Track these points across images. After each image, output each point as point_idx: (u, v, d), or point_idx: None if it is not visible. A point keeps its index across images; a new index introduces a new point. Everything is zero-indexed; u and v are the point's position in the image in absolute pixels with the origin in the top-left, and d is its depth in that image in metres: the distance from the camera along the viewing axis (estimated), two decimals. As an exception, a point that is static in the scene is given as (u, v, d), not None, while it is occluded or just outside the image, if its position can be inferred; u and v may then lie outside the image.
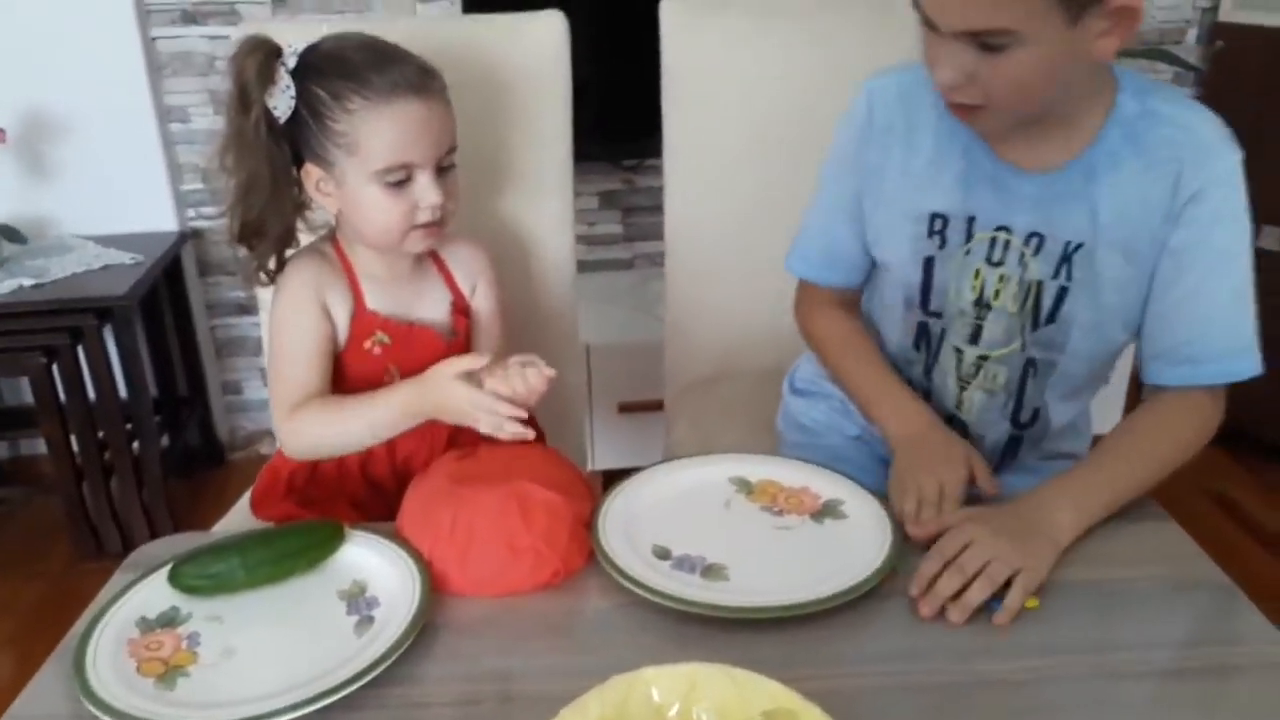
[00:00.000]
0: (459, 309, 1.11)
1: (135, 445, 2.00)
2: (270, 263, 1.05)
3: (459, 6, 2.09)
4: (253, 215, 1.01)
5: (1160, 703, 0.72)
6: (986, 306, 1.01)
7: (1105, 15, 0.82)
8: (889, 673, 0.75)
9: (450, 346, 1.07)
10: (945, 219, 1.00)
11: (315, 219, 1.08)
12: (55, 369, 1.85)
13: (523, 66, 1.25)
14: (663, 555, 0.86)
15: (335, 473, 1.08)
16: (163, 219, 2.19)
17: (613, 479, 0.97)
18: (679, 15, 1.34)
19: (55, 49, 2.02)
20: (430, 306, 1.09)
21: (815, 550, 0.88)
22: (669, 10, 1.34)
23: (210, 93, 2.14)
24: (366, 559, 0.86)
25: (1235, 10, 2.20)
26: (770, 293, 1.41)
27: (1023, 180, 0.96)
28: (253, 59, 0.95)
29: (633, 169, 2.30)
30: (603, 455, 2.10)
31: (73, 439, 1.91)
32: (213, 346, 2.36)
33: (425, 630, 0.78)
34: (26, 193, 2.09)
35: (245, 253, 1.04)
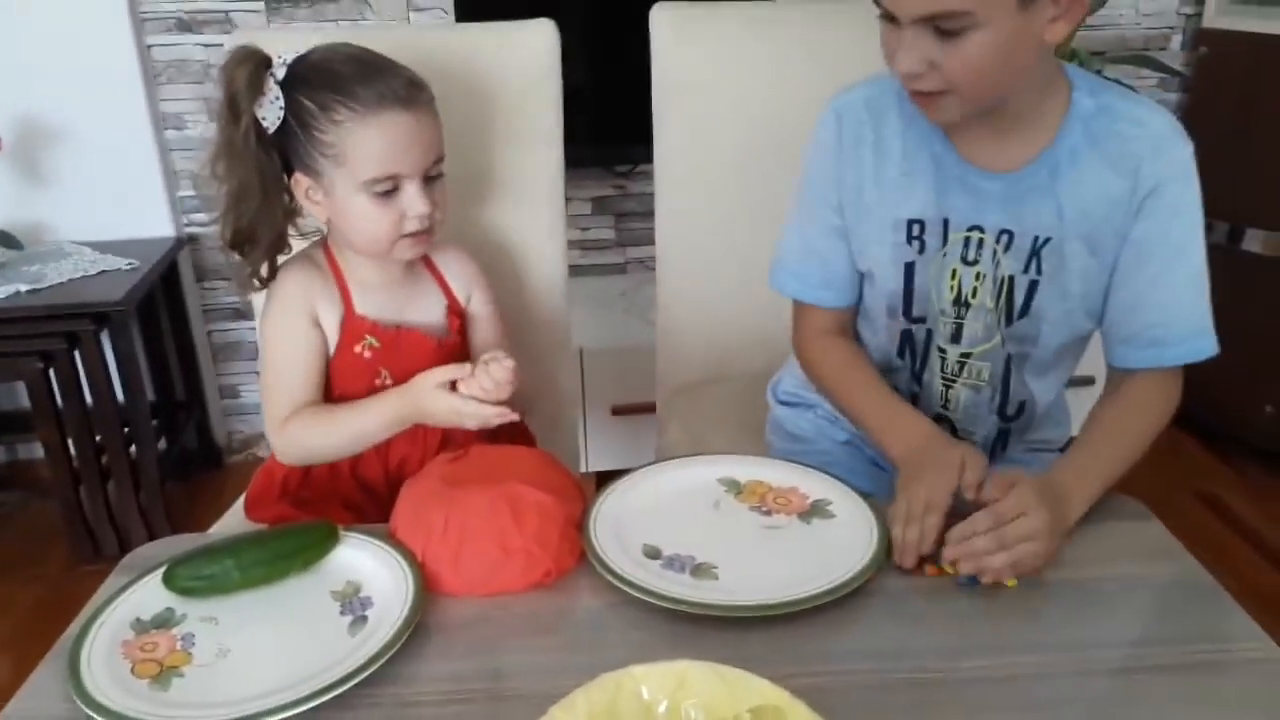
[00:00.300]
0: (454, 311, 1.12)
1: (132, 449, 2.01)
2: (263, 269, 1.06)
3: (452, 15, 2.10)
4: (244, 223, 1.02)
5: (1145, 700, 0.73)
6: (965, 305, 1.03)
7: (1054, 1, 0.86)
8: (876, 670, 0.76)
9: (440, 347, 1.08)
10: (922, 224, 1.01)
11: (307, 224, 1.09)
12: (52, 374, 1.85)
13: (515, 74, 1.26)
14: (653, 555, 0.87)
15: (328, 475, 1.09)
16: (159, 225, 2.19)
17: (606, 480, 0.98)
18: (669, 22, 1.35)
19: (51, 56, 2.03)
20: (423, 310, 1.10)
21: (803, 549, 0.88)
22: (659, 18, 1.35)
23: (205, 100, 2.15)
24: (360, 560, 0.87)
25: (1219, 16, 2.21)
26: (761, 297, 1.41)
27: (990, 181, 0.98)
28: (242, 69, 0.96)
29: (625, 175, 2.31)
30: (596, 457, 2.11)
31: (70, 443, 1.91)
32: (209, 351, 2.36)
33: (418, 630, 0.79)
34: (23, 199, 2.10)
35: (237, 259, 1.05)
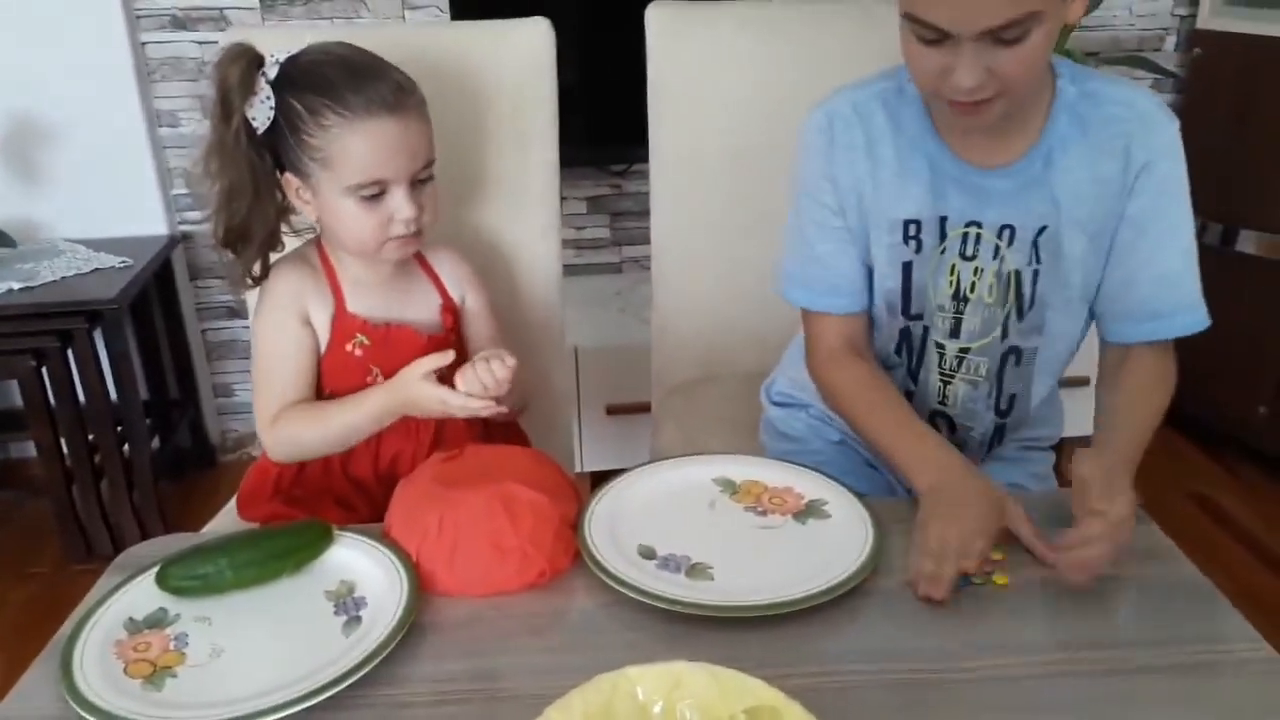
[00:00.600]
0: (448, 309, 1.12)
1: (125, 448, 2.00)
2: (255, 267, 1.06)
3: (447, 13, 2.10)
4: (236, 221, 1.02)
5: (1140, 701, 0.73)
6: (964, 300, 1.03)
7: None
8: (871, 670, 0.76)
9: (431, 343, 1.08)
10: (918, 224, 1.01)
11: (300, 221, 1.08)
12: (45, 372, 1.84)
13: (510, 73, 1.26)
14: (648, 555, 0.87)
15: (320, 473, 1.09)
16: (153, 223, 2.19)
17: (601, 480, 0.98)
18: (664, 22, 1.35)
19: (45, 54, 2.02)
20: (416, 307, 1.10)
21: (798, 549, 0.88)
22: (654, 17, 1.35)
23: (200, 98, 2.14)
24: (354, 559, 0.86)
25: (1213, 17, 2.21)
26: (756, 296, 1.42)
27: (988, 177, 0.98)
28: (235, 67, 0.96)
29: (620, 174, 2.31)
30: (591, 456, 2.11)
31: (63, 442, 1.91)
32: (203, 350, 2.36)
33: (412, 630, 0.78)
34: (16, 197, 2.09)
35: (230, 256, 1.05)
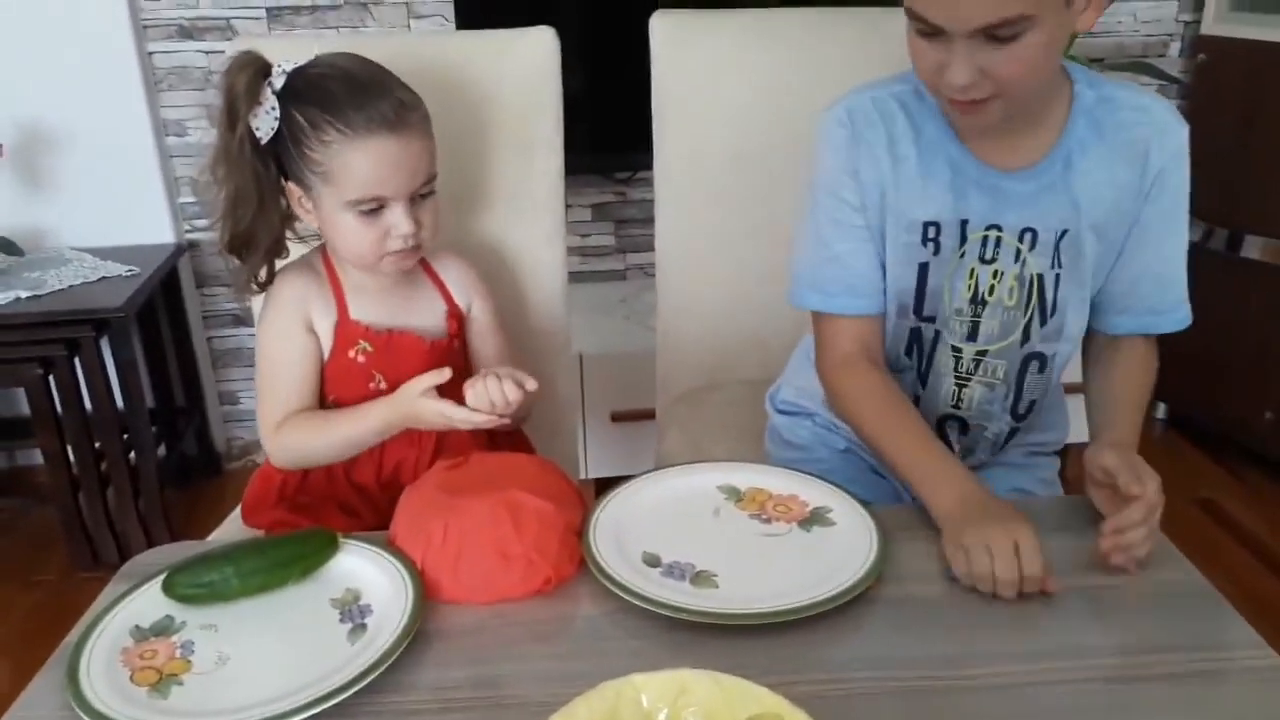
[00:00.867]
0: (453, 315, 1.12)
1: (131, 456, 2.00)
2: (261, 273, 1.06)
3: (452, 23, 2.11)
4: (241, 227, 1.02)
5: (1145, 708, 0.72)
6: (982, 303, 1.03)
7: None
8: (876, 678, 0.75)
9: (433, 349, 1.08)
10: (938, 226, 1.01)
11: (304, 227, 1.09)
12: (52, 380, 1.85)
13: (515, 81, 1.26)
14: (653, 563, 0.87)
15: (324, 480, 1.09)
16: (160, 231, 2.20)
17: (606, 487, 0.98)
18: (668, 30, 1.36)
19: (53, 63, 2.03)
20: (421, 314, 1.10)
21: (803, 557, 0.88)
22: (659, 25, 1.35)
23: (207, 107, 2.15)
24: (359, 567, 0.87)
25: (1217, 23, 2.21)
26: (761, 303, 1.42)
27: (1009, 180, 0.99)
28: (242, 76, 0.96)
29: (625, 181, 2.32)
30: (596, 464, 2.11)
31: (69, 450, 1.91)
32: (209, 357, 2.36)
33: (418, 637, 0.78)
34: (24, 205, 2.10)
35: (236, 262, 1.06)
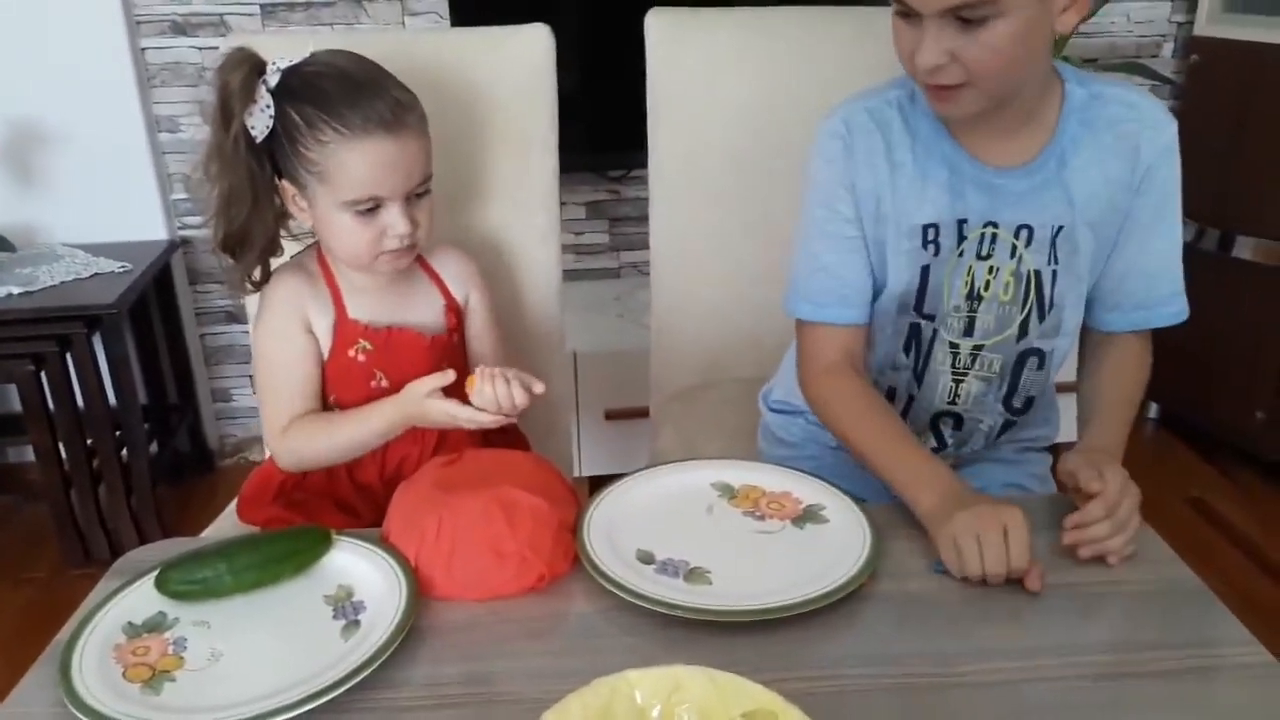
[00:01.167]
0: (451, 309, 1.12)
1: (124, 452, 2.00)
2: (255, 272, 1.06)
3: (447, 20, 2.10)
4: (235, 226, 1.01)
5: (1137, 706, 0.73)
6: (978, 299, 1.04)
7: None
8: (870, 675, 0.76)
9: (433, 345, 1.08)
10: (937, 227, 1.02)
11: (296, 225, 1.08)
12: (44, 377, 1.84)
13: (510, 79, 1.26)
14: (646, 560, 0.87)
15: (325, 477, 1.09)
16: (152, 228, 2.19)
17: (599, 485, 0.98)
18: (663, 28, 1.36)
19: (45, 58, 2.03)
20: (418, 310, 1.10)
21: (797, 554, 0.88)
22: (653, 23, 1.35)
23: (200, 103, 2.14)
24: (353, 564, 0.86)
25: (1210, 24, 2.22)
26: (755, 302, 1.42)
27: (1005, 177, 1.00)
28: (237, 73, 0.96)
29: (619, 179, 2.32)
30: (589, 461, 2.11)
31: (61, 446, 1.91)
32: (202, 354, 2.36)
33: (411, 634, 0.78)
34: (15, 201, 2.10)
35: (229, 261, 1.05)
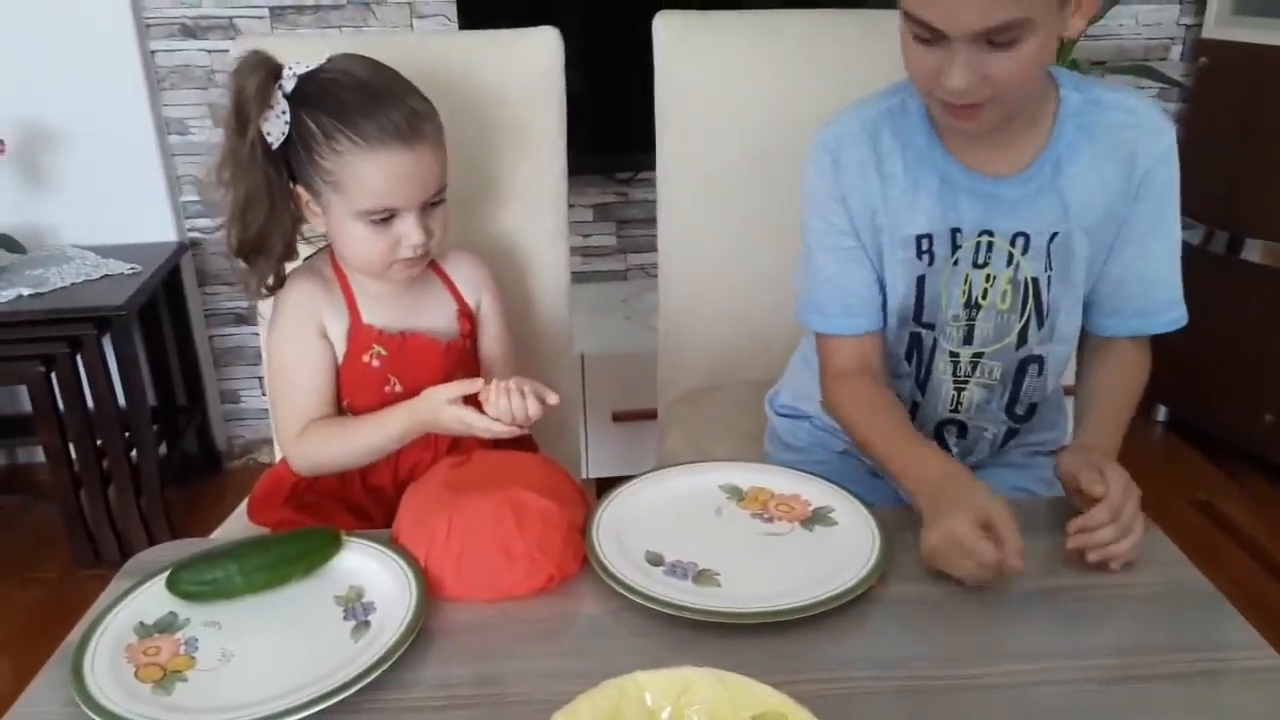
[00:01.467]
0: (464, 314, 1.12)
1: (133, 454, 2.01)
2: (269, 278, 1.05)
3: (455, 23, 2.11)
4: (252, 232, 1.01)
5: (1146, 708, 0.73)
6: (976, 307, 1.03)
7: None
8: (878, 677, 0.76)
9: (448, 350, 1.08)
10: (930, 237, 1.01)
11: (308, 229, 1.08)
12: (54, 378, 1.85)
13: (518, 81, 1.26)
14: (655, 561, 0.87)
15: (337, 480, 1.09)
16: (162, 230, 2.20)
17: (606, 487, 0.98)
18: (672, 30, 1.36)
19: (55, 61, 2.04)
20: (432, 315, 1.10)
21: (805, 556, 0.88)
22: (662, 26, 1.35)
23: (210, 106, 2.15)
24: (363, 565, 0.87)
25: (1219, 27, 2.21)
26: (762, 304, 1.42)
27: (999, 185, 0.99)
28: (253, 78, 0.95)
29: (626, 182, 2.32)
30: (597, 463, 2.11)
31: (71, 447, 1.92)
32: (211, 356, 2.37)
33: (421, 635, 0.79)
34: (26, 203, 2.11)
35: (243, 266, 1.04)
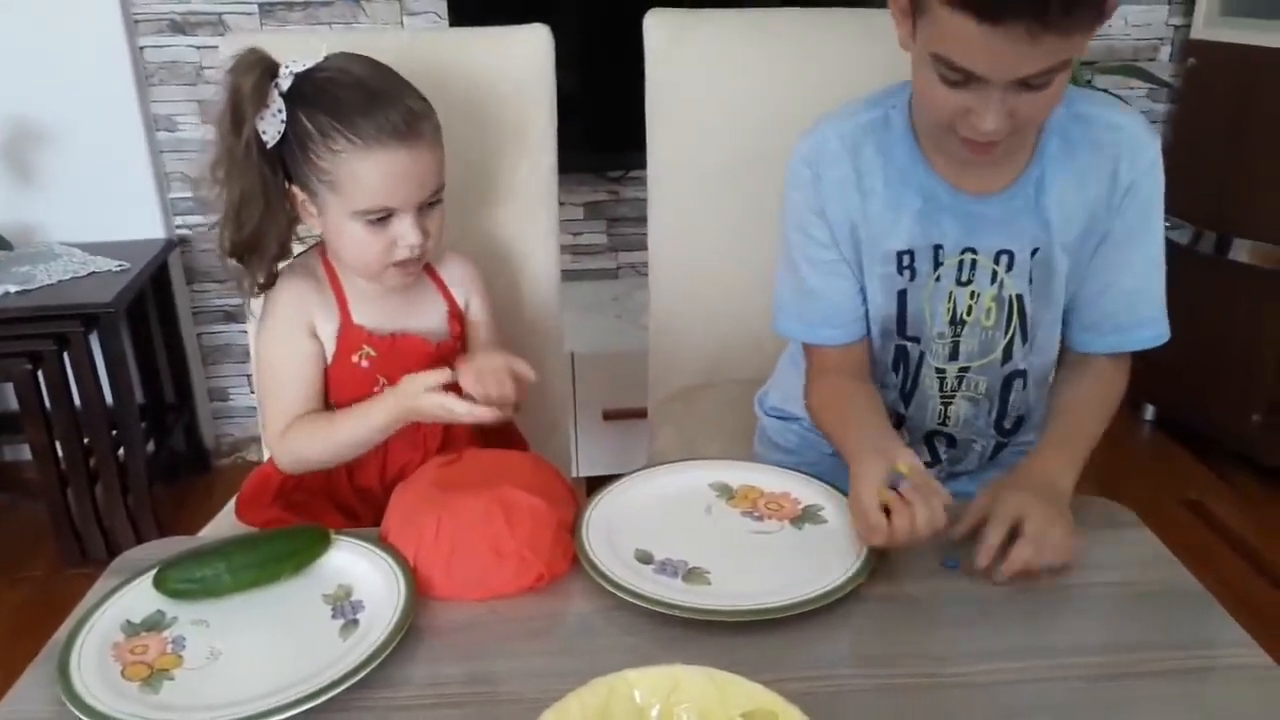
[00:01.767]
0: (454, 316, 1.12)
1: (121, 451, 2.00)
2: (261, 277, 1.04)
3: (445, 20, 2.10)
4: (246, 232, 1.00)
5: (1134, 706, 0.73)
6: (961, 323, 1.03)
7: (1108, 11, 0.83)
8: (867, 675, 0.76)
9: (438, 351, 1.08)
10: (912, 253, 1.00)
11: (303, 228, 1.07)
12: (40, 375, 1.84)
13: (508, 79, 1.26)
14: (645, 560, 0.87)
15: (324, 479, 1.09)
16: (150, 227, 2.19)
17: (597, 485, 0.98)
18: (663, 28, 1.36)
19: (43, 57, 2.02)
20: (423, 316, 1.09)
21: (795, 554, 0.89)
22: (653, 24, 1.35)
23: (199, 102, 2.15)
24: (352, 563, 0.87)
25: (1208, 27, 2.23)
26: (753, 303, 1.42)
27: (983, 204, 0.98)
28: (249, 76, 0.94)
29: (617, 180, 2.32)
30: (587, 462, 2.11)
31: (57, 445, 1.91)
32: (199, 353, 2.36)
33: (410, 633, 0.79)
34: (13, 200, 2.09)
35: (236, 265, 1.03)
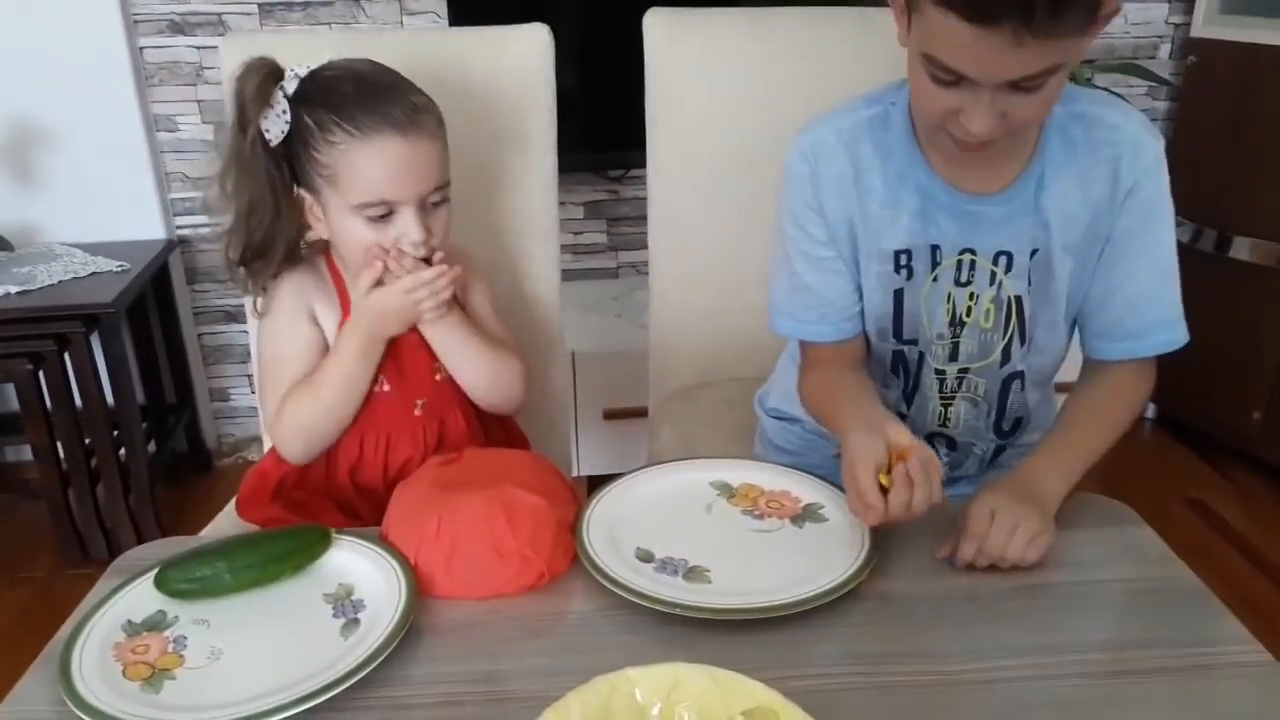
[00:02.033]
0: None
1: (121, 452, 2.00)
2: (266, 283, 1.04)
3: (445, 20, 2.10)
4: (256, 238, 1.00)
5: (1135, 703, 0.73)
6: (960, 325, 1.03)
7: (1102, 19, 0.82)
8: (868, 673, 0.76)
9: None
10: (909, 253, 1.00)
11: (313, 235, 1.07)
12: (41, 376, 1.84)
13: (508, 78, 1.26)
14: (646, 558, 0.87)
15: (324, 476, 1.09)
16: (150, 227, 2.18)
17: (597, 484, 0.98)
18: (662, 28, 1.36)
19: (43, 58, 2.02)
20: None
21: (795, 553, 0.89)
22: (652, 22, 1.35)
23: (198, 102, 2.14)
24: (353, 562, 0.87)
25: (1207, 25, 2.22)
26: (753, 302, 1.42)
27: (982, 204, 0.97)
28: (253, 79, 0.95)
29: (617, 179, 2.32)
30: (588, 461, 2.11)
31: (59, 445, 1.91)
32: (200, 354, 2.36)
33: (411, 632, 0.79)
34: (14, 200, 2.10)
35: (242, 272, 1.03)
